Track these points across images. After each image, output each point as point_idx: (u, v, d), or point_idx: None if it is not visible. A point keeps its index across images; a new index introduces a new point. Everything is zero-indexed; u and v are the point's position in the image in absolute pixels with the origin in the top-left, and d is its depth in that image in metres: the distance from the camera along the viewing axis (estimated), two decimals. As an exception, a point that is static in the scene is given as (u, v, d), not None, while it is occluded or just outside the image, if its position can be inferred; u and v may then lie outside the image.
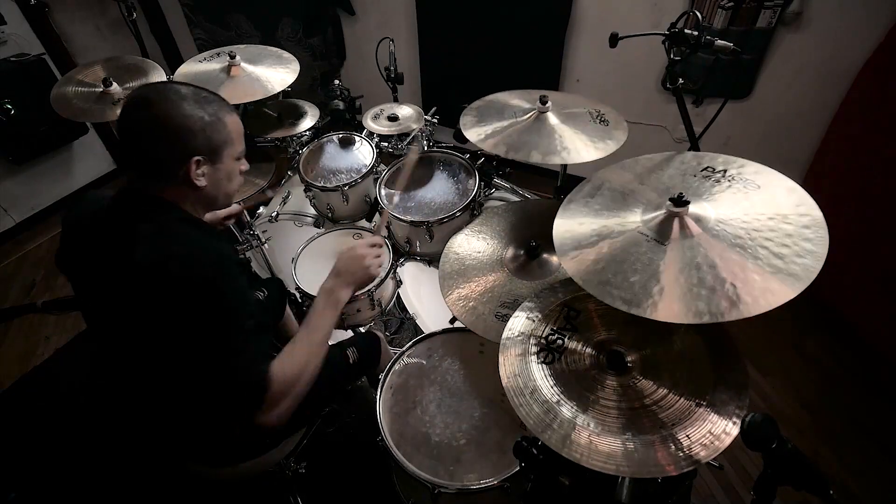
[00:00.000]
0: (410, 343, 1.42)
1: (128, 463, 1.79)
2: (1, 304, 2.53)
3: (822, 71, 2.11)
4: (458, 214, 1.67)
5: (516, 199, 1.89)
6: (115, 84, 1.80)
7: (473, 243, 1.46)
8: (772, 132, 2.36)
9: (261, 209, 2.20)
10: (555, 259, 1.36)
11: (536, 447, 0.99)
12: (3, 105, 2.51)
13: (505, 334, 1.03)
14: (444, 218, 1.66)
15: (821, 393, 1.96)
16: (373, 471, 1.57)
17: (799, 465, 0.70)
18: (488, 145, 1.40)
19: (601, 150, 1.33)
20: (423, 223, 1.68)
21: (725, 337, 0.95)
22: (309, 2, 3.05)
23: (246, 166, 1.06)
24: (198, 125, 0.92)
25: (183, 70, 1.91)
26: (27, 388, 2.13)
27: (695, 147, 1.33)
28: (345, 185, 1.85)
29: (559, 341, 1.00)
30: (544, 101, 1.45)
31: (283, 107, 2.16)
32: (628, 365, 0.95)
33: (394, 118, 2.01)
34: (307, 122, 2.10)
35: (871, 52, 1.93)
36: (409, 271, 1.86)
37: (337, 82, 2.21)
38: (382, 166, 1.94)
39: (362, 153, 2.01)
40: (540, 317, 1.05)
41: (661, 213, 0.94)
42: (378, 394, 1.30)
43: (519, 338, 1.02)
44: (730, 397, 0.86)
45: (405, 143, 2.02)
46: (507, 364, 0.97)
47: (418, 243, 1.79)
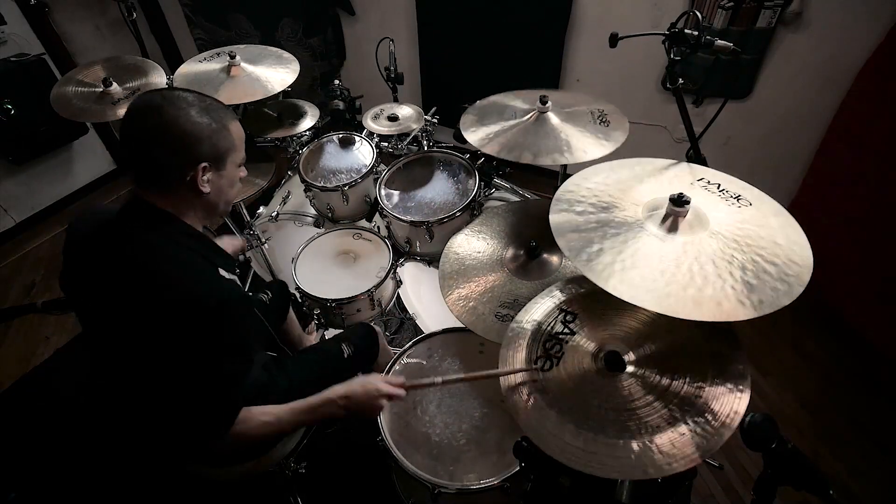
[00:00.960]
0: (410, 343, 1.43)
1: (127, 463, 1.79)
2: (1, 304, 2.53)
3: (822, 71, 2.11)
4: (458, 214, 1.67)
5: (516, 199, 1.89)
6: (115, 84, 1.80)
7: (473, 243, 1.46)
8: (772, 132, 2.36)
9: (261, 209, 2.21)
10: (555, 259, 1.36)
11: (536, 447, 0.99)
12: (3, 105, 2.51)
13: (504, 342, 1.03)
14: (444, 218, 1.67)
15: (821, 393, 1.96)
16: (373, 471, 1.58)
17: (799, 465, 0.70)
18: (489, 149, 1.40)
19: (603, 149, 1.33)
20: (423, 223, 1.68)
21: (724, 330, 0.94)
22: (309, 2, 3.05)
23: (245, 173, 1.07)
24: (205, 132, 0.92)
25: (183, 70, 1.91)
26: (27, 389, 2.13)
27: (695, 147, 1.33)
28: (345, 185, 1.85)
29: (556, 347, 1.00)
30: (544, 101, 1.44)
31: (283, 107, 2.16)
32: (626, 364, 0.95)
33: (394, 118, 2.01)
34: (307, 122, 2.10)
35: (871, 52, 1.93)
36: (409, 271, 1.86)
37: (337, 82, 2.21)
38: (382, 166, 1.94)
39: (362, 153, 2.01)
40: (538, 321, 1.05)
41: (660, 211, 0.95)
42: (378, 394, 1.30)
43: (517, 345, 1.01)
44: (729, 391, 0.85)
45: (405, 143, 2.02)
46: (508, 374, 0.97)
47: (418, 243, 1.79)
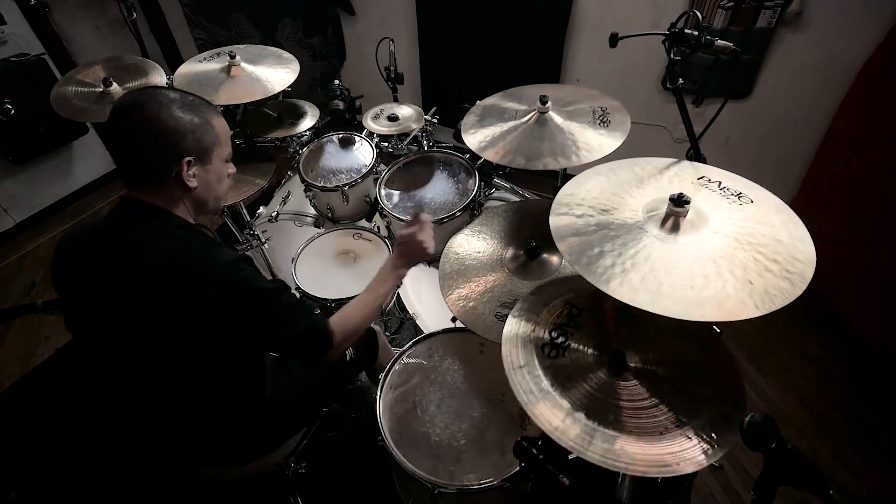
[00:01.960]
0: (410, 343, 1.43)
1: (128, 463, 1.79)
2: (1, 304, 2.53)
3: (822, 71, 2.11)
4: (458, 214, 1.67)
5: (516, 199, 1.89)
6: (115, 84, 1.80)
7: (473, 243, 1.46)
8: (772, 132, 2.36)
9: (261, 209, 2.20)
10: (555, 259, 1.36)
11: (536, 447, 0.99)
12: (3, 105, 2.51)
13: (508, 327, 1.03)
14: (444, 218, 1.66)
15: (821, 393, 1.96)
16: (373, 471, 1.58)
17: (799, 465, 0.70)
18: (492, 155, 1.40)
19: (604, 148, 1.33)
20: (423, 223, 1.68)
21: (721, 348, 0.97)
22: (309, 2, 3.05)
23: (233, 169, 1.08)
24: (187, 127, 0.94)
25: (183, 70, 1.91)
26: (27, 388, 2.13)
27: (695, 147, 1.33)
28: (345, 185, 1.85)
29: (562, 338, 1.00)
30: (544, 101, 1.44)
31: (283, 107, 2.16)
32: (630, 365, 0.95)
33: (394, 118, 2.01)
34: (307, 122, 2.10)
35: (871, 52, 1.93)
36: (410, 271, 1.85)
37: (337, 82, 2.21)
38: (382, 166, 1.94)
39: (362, 153, 2.01)
40: (544, 311, 1.05)
41: (660, 211, 0.94)
42: (378, 394, 1.30)
43: (523, 331, 1.02)
44: (727, 403, 0.86)
45: (405, 143, 2.02)
46: (512, 356, 0.97)
47: (418, 243, 1.79)
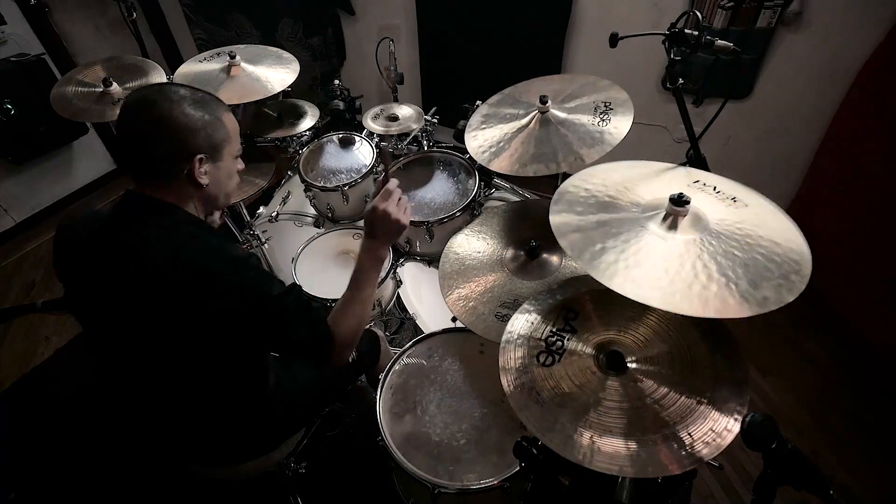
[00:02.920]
0: (410, 343, 1.43)
1: (128, 463, 1.79)
2: (1, 304, 2.53)
3: (822, 71, 2.11)
4: (458, 214, 1.67)
5: (516, 199, 1.89)
6: (115, 84, 1.80)
7: (473, 243, 1.45)
8: (772, 132, 2.35)
9: (261, 209, 2.20)
10: (555, 259, 1.36)
11: (536, 447, 0.99)
12: (3, 105, 2.51)
13: (504, 338, 1.03)
14: (444, 218, 1.66)
15: (821, 393, 1.96)
16: (373, 471, 1.58)
17: (799, 465, 0.70)
18: (497, 165, 1.39)
19: (605, 148, 1.33)
20: (423, 223, 1.68)
21: (725, 333, 0.95)
22: (309, 2, 3.05)
23: (242, 166, 1.08)
24: (199, 124, 0.93)
25: (183, 70, 1.91)
26: (27, 388, 2.13)
27: (695, 147, 1.33)
28: (345, 185, 1.85)
29: (558, 343, 1.00)
30: (543, 101, 1.43)
31: (283, 107, 2.16)
32: (628, 365, 0.95)
33: (394, 118, 2.01)
34: (307, 122, 2.10)
35: (871, 52, 1.93)
36: (409, 271, 1.86)
37: (337, 82, 2.21)
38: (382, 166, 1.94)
39: (362, 153, 2.01)
40: (539, 319, 1.05)
41: (660, 211, 0.94)
42: (378, 394, 1.30)
43: (518, 341, 1.02)
44: (731, 393, 0.85)
45: (405, 142, 2.02)
46: (509, 370, 0.97)
47: (418, 243, 1.79)
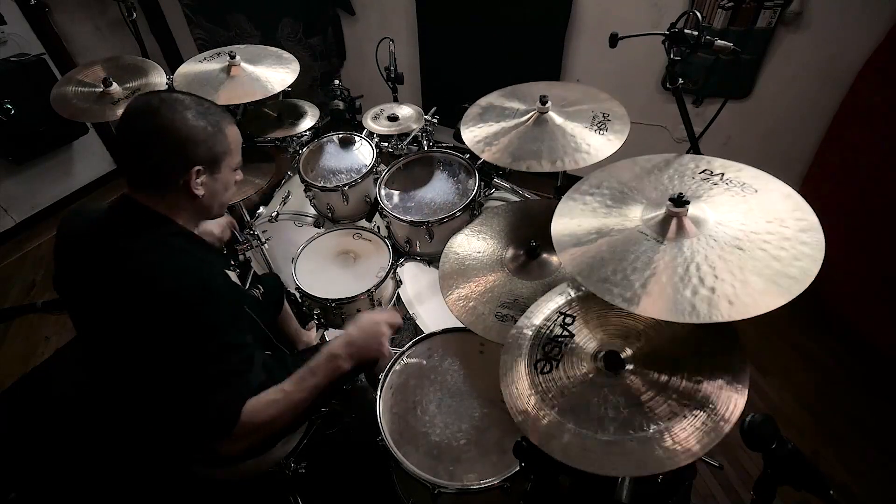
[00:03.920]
0: (410, 343, 1.42)
1: (128, 463, 1.79)
2: (1, 304, 2.53)
3: (822, 71, 2.11)
4: (458, 214, 1.67)
5: (516, 199, 1.89)
6: (115, 84, 1.80)
7: (473, 243, 1.45)
8: (772, 132, 2.36)
9: (261, 209, 2.21)
10: (555, 259, 1.36)
11: (536, 447, 0.98)
12: (3, 105, 2.51)
13: (504, 363, 1.02)
14: (444, 218, 1.66)
15: (821, 393, 1.96)
16: (373, 471, 1.57)
17: (799, 465, 0.70)
18: (490, 155, 1.39)
19: (605, 148, 1.33)
20: (423, 223, 1.68)
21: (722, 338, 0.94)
22: (309, 2, 3.05)
23: (240, 177, 1.07)
24: (201, 135, 0.93)
25: (183, 70, 1.91)
26: (27, 388, 2.13)
27: (695, 147, 1.33)
28: (345, 185, 1.85)
29: (556, 350, 1.00)
30: (544, 101, 1.43)
31: (283, 107, 2.16)
32: (625, 363, 0.95)
33: (394, 118, 2.01)
34: (307, 122, 2.10)
35: (871, 52, 1.93)
36: (409, 271, 1.86)
37: (337, 82, 2.21)
38: (382, 166, 1.94)
39: (362, 153, 2.01)
40: (536, 328, 1.05)
41: (660, 212, 0.94)
42: (378, 394, 1.30)
43: (519, 355, 1.01)
44: (727, 381, 0.84)
45: (405, 143, 2.02)
46: (512, 390, 0.97)
47: (418, 243, 1.79)
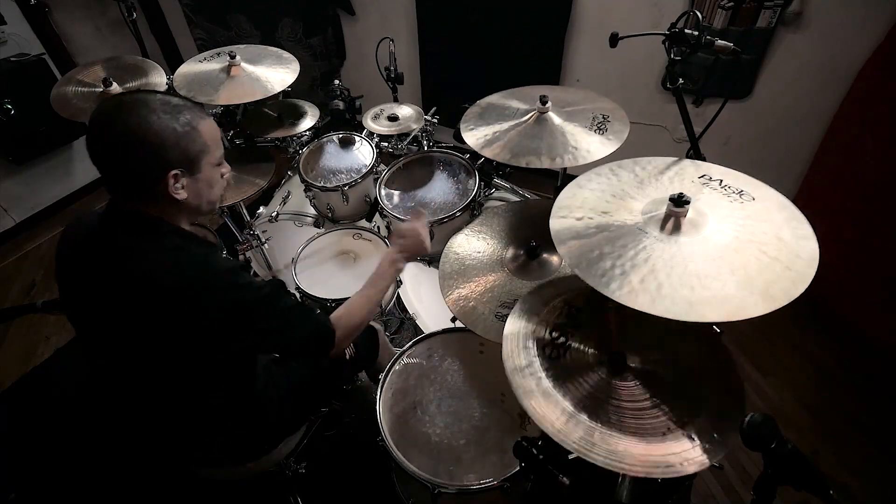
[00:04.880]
0: (410, 343, 1.42)
1: (128, 463, 1.79)
2: (1, 304, 2.53)
3: (822, 71, 2.11)
4: (458, 214, 1.67)
5: (516, 199, 1.89)
6: (115, 84, 1.80)
7: (473, 243, 1.46)
8: (772, 132, 2.36)
9: (261, 209, 2.20)
10: (555, 259, 1.36)
11: (536, 447, 0.99)
12: (3, 105, 2.51)
13: (508, 328, 1.03)
14: (444, 218, 1.66)
15: (821, 393, 1.96)
16: (373, 471, 1.58)
17: (799, 465, 0.70)
18: (490, 152, 1.39)
19: (606, 148, 1.32)
20: (423, 223, 1.68)
21: (720, 348, 0.96)
22: (309, 2, 3.05)
23: (227, 169, 1.02)
24: (171, 138, 0.87)
25: (183, 70, 1.91)
26: (27, 388, 2.13)
27: (695, 147, 1.33)
28: (345, 185, 1.85)
29: (562, 338, 1.00)
30: (544, 101, 1.43)
31: (283, 107, 2.16)
32: (630, 366, 0.95)
33: (394, 118, 2.01)
34: (307, 122, 2.10)
35: (871, 52, 1.93)
36: (409, 271, 1.86)
37: (337, 82, 2.21)
38: (382, 166, 1.94)
39: (362, 153, 2.01)
40: (543, 311, 1.05)
41: (660, 212, 0.94)
42: (378, 394, 1.30)
43: (524, 331, 1.02)
44: (727, 402, 0.86)
45: (405, 143, 2.02)
46: (514, 357, 0.97)
47: (418, 243, 1.79)
